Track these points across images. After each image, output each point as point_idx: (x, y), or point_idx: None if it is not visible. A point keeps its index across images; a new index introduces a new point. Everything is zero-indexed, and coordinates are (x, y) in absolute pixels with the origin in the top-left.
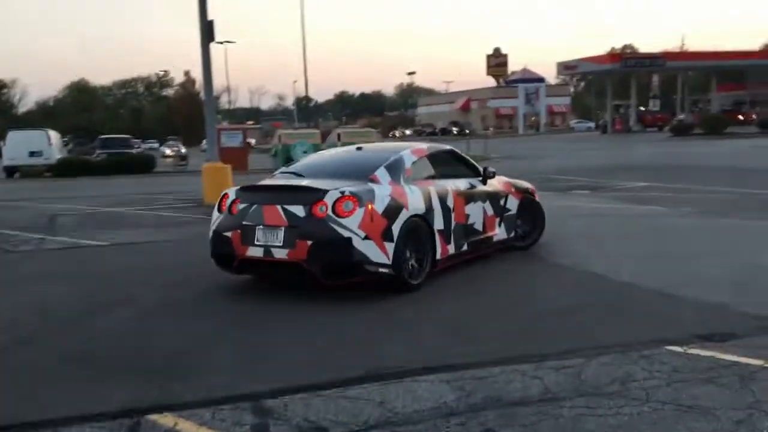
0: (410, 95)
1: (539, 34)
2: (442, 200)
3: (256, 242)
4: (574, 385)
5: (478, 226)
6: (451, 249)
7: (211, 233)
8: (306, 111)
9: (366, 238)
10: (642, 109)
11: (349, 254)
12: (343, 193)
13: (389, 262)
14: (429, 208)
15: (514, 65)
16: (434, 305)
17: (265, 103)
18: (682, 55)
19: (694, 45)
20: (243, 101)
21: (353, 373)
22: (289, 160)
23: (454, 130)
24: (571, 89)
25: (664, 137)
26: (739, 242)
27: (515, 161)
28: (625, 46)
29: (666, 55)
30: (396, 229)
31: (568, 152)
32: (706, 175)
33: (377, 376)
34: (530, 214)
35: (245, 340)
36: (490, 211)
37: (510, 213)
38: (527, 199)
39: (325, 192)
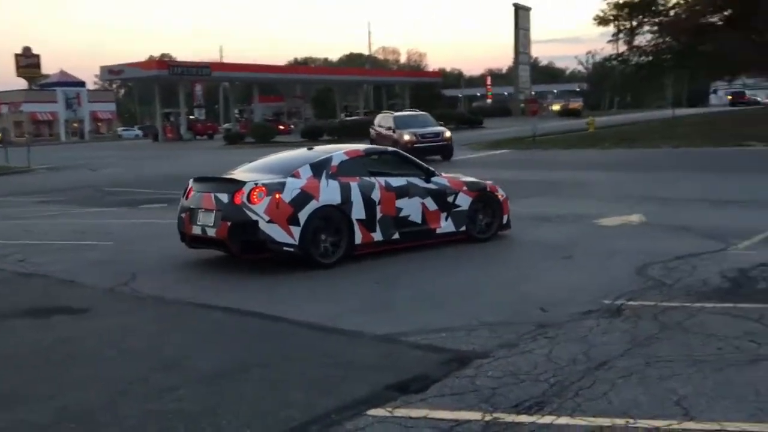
0: None
1: (76, 36)
2: (365, 194)
3: (197, 222)
4: None
5: (415, 219)
6: (377, 236)
7: (177, 215)
8: None
9: (270, 221)
10: (192, 117)
11: (255, 234)
12: (256, 184)
13: (295, 243)
14: (346, 200)
15: (50, 67)
16: None
17: None
18: (227, 65)
19: (235, 57)
20: None
21: None
22: None
23: None
24: (116, 95)
25: (219, 145)
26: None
27: (64, 173)
28: (163, 55)
29: (212, 65)
30: (303, 216)
31: (123, 161)
32: None
33: None
34: (490, 209)
35: None
36: (432, 206)
37: (460, 209)
38: (485, 196)
39: (243, 183)
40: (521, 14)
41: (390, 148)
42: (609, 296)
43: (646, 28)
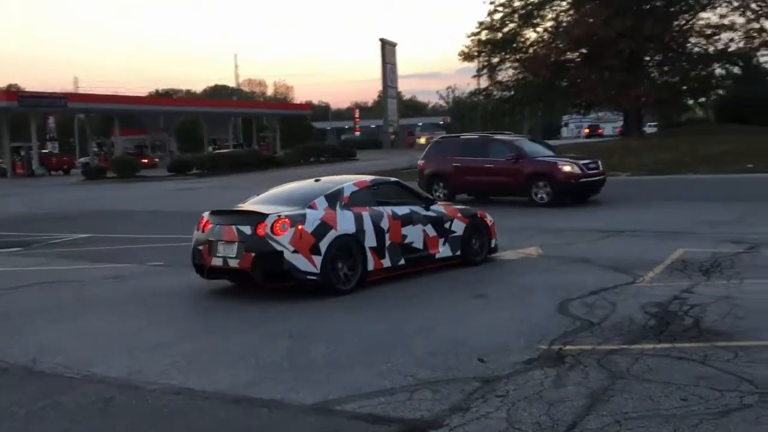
0: None
1: None
2: (376, 223)
3: (218, 254)
4: None
5: (418, 245)
6: (386, 263)
7: (192, 247)
8: None
9: (295, 251)
10: (45, 151)
11: (280, 264)
12: (279, 216)
13: (317, 271)
14: (360, 229)
15: None
16: None
17: None
18: (84, 96)
19: (90, 88)
20: None
21: None
22: None
23: None
24: None
25: (77, 181)
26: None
27: None
28: (11, 86)
29: (67, 96)
30: (324, 245)
31: None
32: (145, 221)
33: None
34: (480, 233)
35: None
36: (432, 233)
37: (455, 234)
38: (476, 221)
39: (266, 215)
40: (387, 49)
41: (392, 178)
42: (543, 340)
43: (508, 64)
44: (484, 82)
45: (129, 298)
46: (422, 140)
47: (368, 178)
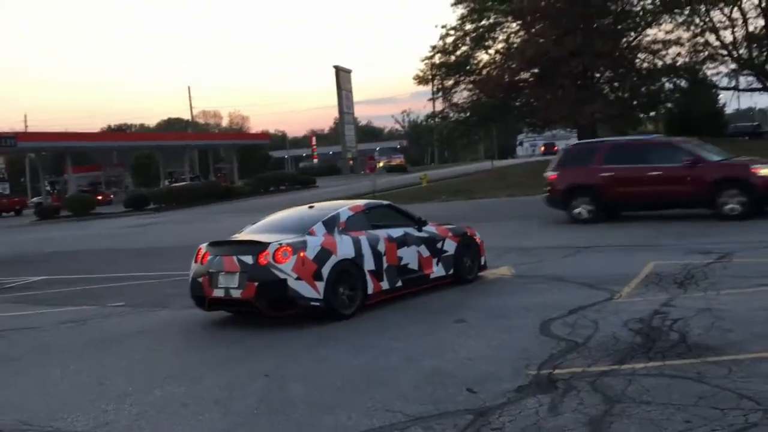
0: None
1: None
2: (373, 246)
3: (219, 285)
4: None
5: (413, 266)
6: (384, 285)
7: (190, 279)
8: None
9: (298, 278)
10: None
11: (284, 291)
12: (281, 244)
13: (320, 297)
14: (359, 254)
15: None
16: None
17: None
18: (34, 135)
19: (39, 125)
20: None
21: None
22: None
23: None
24: None
25: (30, 221)
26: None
27: None
28: None
29: (17, 135)
30: (326, 271)
31: None
32: (105, 259)
33: None
34: (470, 251)
35: None
36: (425, 253)
37: (447, 254)
38: (467, 240)
39: (267, 244)
40: (342, 76)
41: (385, 202)
42: (530, 365)
43: (462, 86)
44: (439, 105)
45: (90, 343)
46: (380, 164)
47: (361, 202)
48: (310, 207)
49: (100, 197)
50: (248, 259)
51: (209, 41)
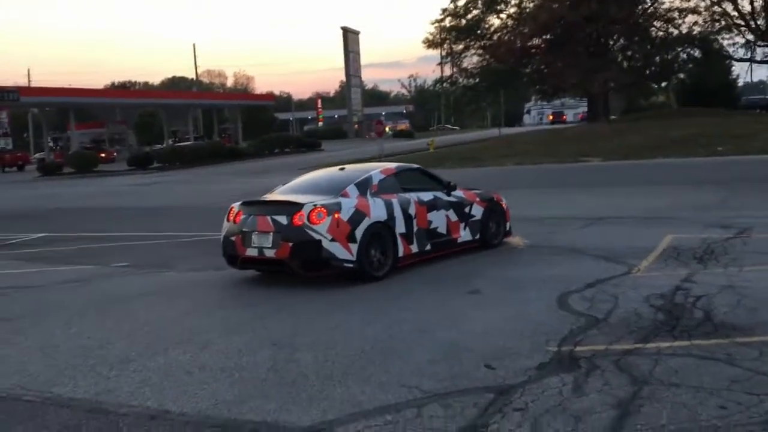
0: None
1: None
2: (404, 209)
3: (252, 245)
4: None
5: (442, 230)
6: (414, 248)
7: (222, 238)
8: None
9: (333, 240)
10: None
11: (319, 252)
12: (315, 205)
13: (354, 258)
14: (391, 216)
15: None
16: None
17: None
18: (37, 89)
19: (43, 80)
20: None
21: None
22: None
23: None
24: None
25: (32, 177)
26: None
27: None
28: None
29: (20, 89)
30: (359, 232)
31: None
32: (108, 217)
33: None
34: (497, 217)
35: None
36: (454, 218)
37: (475, 219)
38: (493, 205)
39: (302, 205)
40: (350, 37)
41: (415, 165)
42: (550, 341)
43: (472, 51)
44: (448, 70)
45: (93, 304)
46: (387, 129)
47: (393, 165)
48: (341, 169)
49: (103, 155)
50: (282, 220)
51: None
